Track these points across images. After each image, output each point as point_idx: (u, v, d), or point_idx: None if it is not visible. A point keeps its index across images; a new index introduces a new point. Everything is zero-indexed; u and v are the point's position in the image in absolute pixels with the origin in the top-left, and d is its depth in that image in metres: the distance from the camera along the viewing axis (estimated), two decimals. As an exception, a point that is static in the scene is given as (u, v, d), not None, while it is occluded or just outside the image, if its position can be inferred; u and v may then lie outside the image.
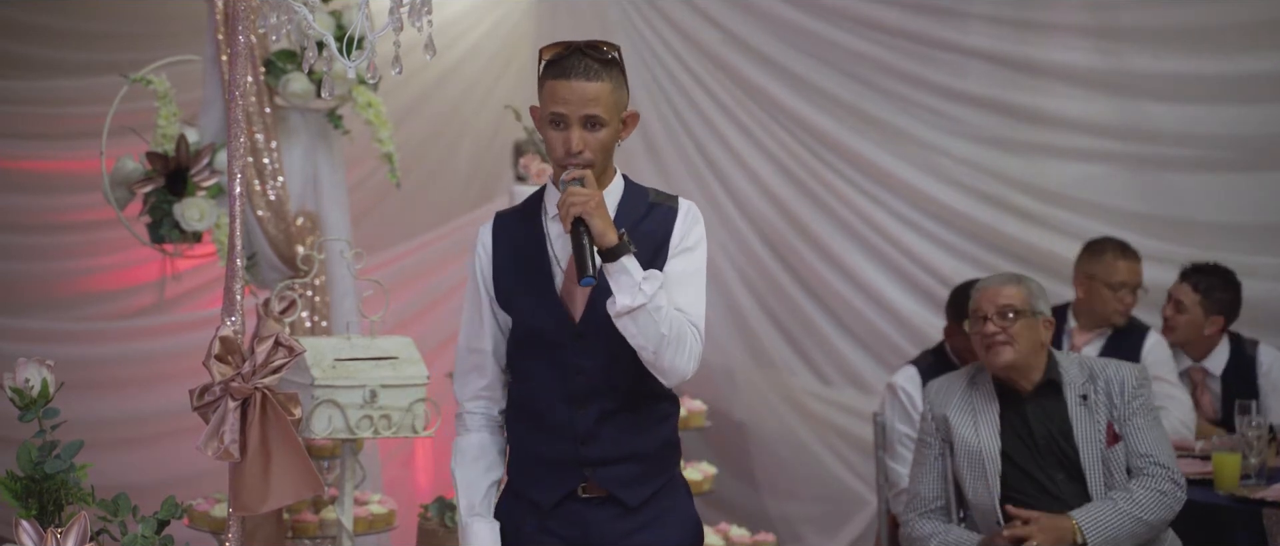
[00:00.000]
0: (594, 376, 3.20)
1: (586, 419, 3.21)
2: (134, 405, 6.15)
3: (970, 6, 6.56)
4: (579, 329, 3.20)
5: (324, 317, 5.29)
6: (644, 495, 3.25)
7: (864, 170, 6.68)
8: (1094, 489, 4.23)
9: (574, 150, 3.13)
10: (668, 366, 3.12)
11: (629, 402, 3.23)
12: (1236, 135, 6.31)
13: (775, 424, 6.74)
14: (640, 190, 3.29)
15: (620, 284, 3.07)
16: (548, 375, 3.23)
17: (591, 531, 3.24)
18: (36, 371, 3.25)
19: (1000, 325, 4.26)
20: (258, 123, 5.10)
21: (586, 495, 3.24)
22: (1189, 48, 6.34)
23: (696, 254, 3.23)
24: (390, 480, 6.04)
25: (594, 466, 3.22)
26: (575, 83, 3.12)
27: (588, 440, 3.22)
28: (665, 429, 3.31)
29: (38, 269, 6.53)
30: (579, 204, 3.07)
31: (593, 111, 3.13)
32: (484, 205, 6.88)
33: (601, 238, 3.07)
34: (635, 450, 3.24)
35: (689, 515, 3.34)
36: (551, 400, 3.23)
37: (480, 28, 7.28)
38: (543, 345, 3.24)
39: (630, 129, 3.24)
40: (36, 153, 6.46)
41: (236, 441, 3.00)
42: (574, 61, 3.14)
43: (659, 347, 3.09)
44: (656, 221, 3.22)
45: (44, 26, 6.41)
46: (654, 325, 3.07)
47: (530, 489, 3.29)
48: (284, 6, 2.94)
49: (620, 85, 3.18)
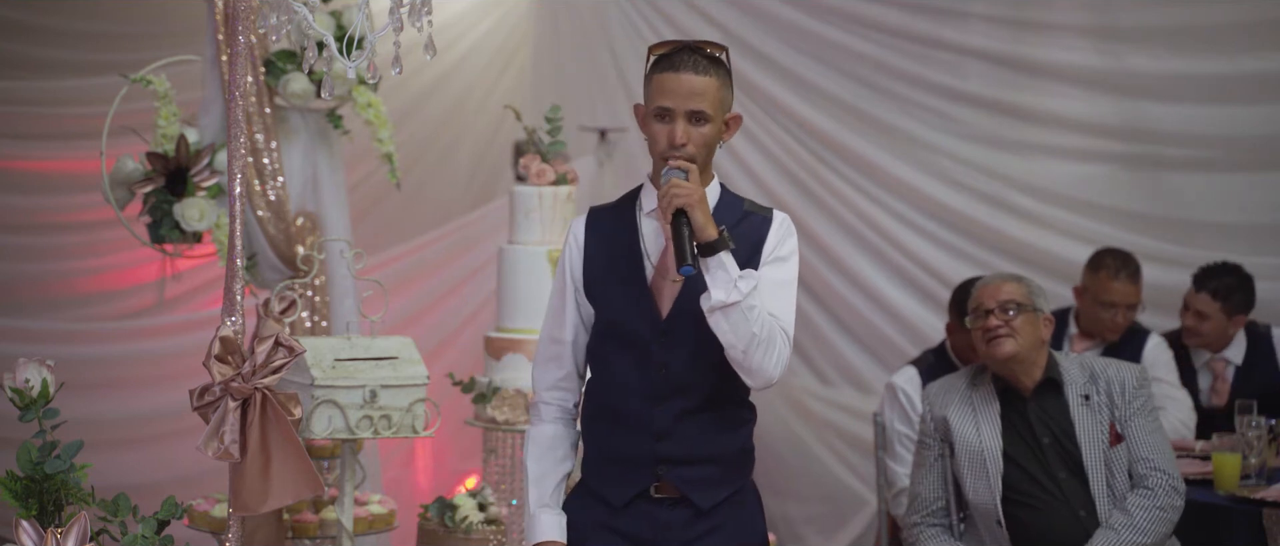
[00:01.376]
0: (676, 373, 3.20)
1: (665, 415, 3.21)
2: (134, 405, 6.16)
3: (970, 6, 6.56)
4: (665, 325, 3.20)
5: (324, 317, 5.29)
6: (716, 499, 3.25)
7: (864, 170, 6.69)
8: (1096, 489, 4.23)
9: (678, 142, 3.15)
10: (756, 367, 3.12)
11: (708, 403, 3.23)
12: (1236, 135, 6.31)
13: (775, 424, 6.74)
14: (736, 198, 3.31)
15: (717, 279, 3.08)
16: (630, 370, 3.23)
17: (660, 532, 3.24)
18: (36, 371, 3.25)
19: (1002, 319, 4.27)
20: (258, 123, 5.11)
21: (659, 495, 3.24)
22: (1189, 48, 6.34)
23: (789, 264, 3.23)
24: (390, 480, 6.04)
25: (669, 465, 3.22)
26: (684, 75, 3.15)
27: (664, 437, 3.22)
28: (742, 434, 3.31)
29: (38, 269, 6.53)
30: (683, 196, 3.09)
31: (698, 106, 3.14)
32: (484, 205, 6.88)
33: (701, 231, 3.08)
34: (711, 452, 3.24)
35: (757, 527, 3.34)
36: (631, 395, 3.23)
37: (480, 28, 7.28)
38: (627, 340, 3.24)
39: (733, 131, 3.25)
40: (36, 153, 6.46)
41: (236, 441, 3.00)
42: (683, 57, 3.16)
43: (749, 347, 3.09)
44: (751, 228, 3.24)
45: (44, 26, 6.42)
46: (746, 324, 3.07)
47: (603, 487, 3.29)
48: (284, 6, 2.94)
49: (726, 85, 3.19)
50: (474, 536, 5.10)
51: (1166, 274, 6.17)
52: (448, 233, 6.67)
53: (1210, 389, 5.59)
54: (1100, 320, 5.56)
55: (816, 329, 6.79)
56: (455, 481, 6.20)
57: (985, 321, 4.30)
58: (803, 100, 6.73)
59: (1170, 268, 6.25)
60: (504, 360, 5.20)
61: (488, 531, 5.09)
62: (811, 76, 6.72)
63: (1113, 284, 5.56)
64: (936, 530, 4.39)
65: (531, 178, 5.23)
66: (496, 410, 5.18)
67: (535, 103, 6.75)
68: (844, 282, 6.72)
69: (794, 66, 6.74)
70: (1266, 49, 6.25)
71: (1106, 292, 5.55)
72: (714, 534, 3.25)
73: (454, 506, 5.15)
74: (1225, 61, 6.29)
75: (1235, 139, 6.32)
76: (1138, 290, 5.59)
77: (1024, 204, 6.53)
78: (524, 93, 7.17)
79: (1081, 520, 4.22)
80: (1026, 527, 4.25)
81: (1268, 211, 6.30)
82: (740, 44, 6.78)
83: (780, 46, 6.75)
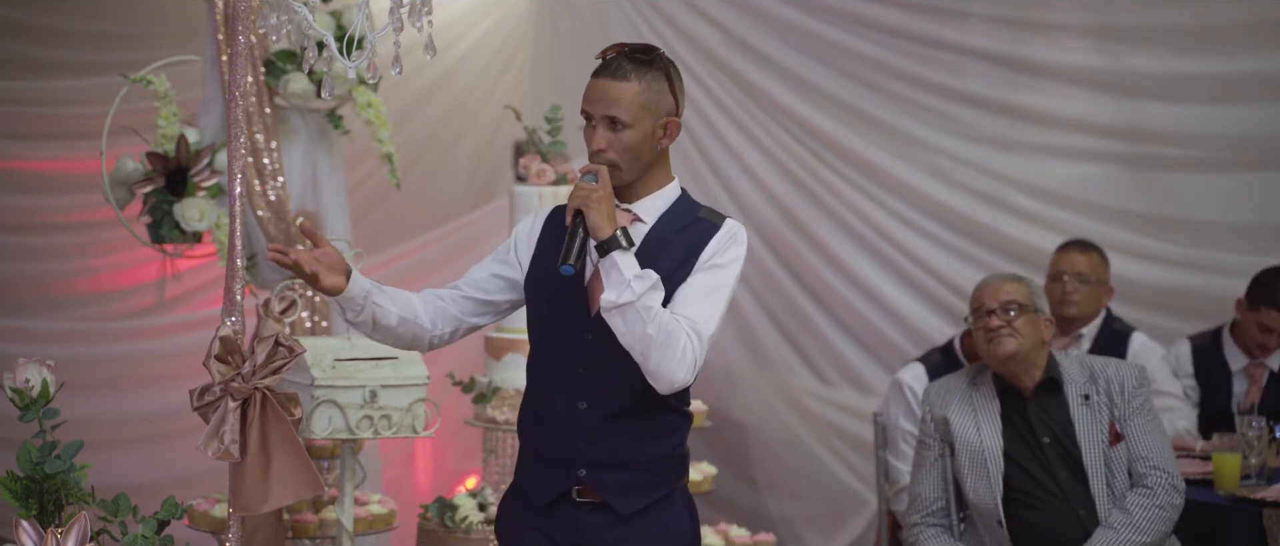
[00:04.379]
0: (603, 374, 3.19)
1: (591, 416, 3.20)
2: (134, 405, 6.15)
3: (970, 6, 6.56)
4: (593, 323, 3.19)
5: (324, 318, 5.29)
6: (637, 505, 3.22)
7: (864, 170, 6.68)
8: (1097, 489, 4.23)
9: (594, 149, 3.18)
10: (655, 368, 3.09)
11: (636, 407, 3.20)
12: (1236, 135, 6.31)
13: (775, 424, 6.73)
14: (692, 204, 3.29)
15: (611, 279, 3.07)
16: (558, 369, 3.23)
17: (582, 537, 3.22)
18: (36, 371, 3.25)
19: (1004, 319, 4.28)
20: (258, 123, 5.11)
21: (580, 499, 3.22)
22: (1189, 48, 6.34)
23: (725, 273, 3.20)
24: (390, 480, 6.04)
25: (590, 467, 3.21)
26: (602, 82, 3.18)
27: (588, 438, 3.20)
28: (670, 441, 3.27)
29: (38, 269, 6.53)
30: (581, 197, 3.10)
31: (612, 112, 3.16)
32: (484, 205, 6.88)
33: (597, 230, 3.08)
34: (634, 457, 3.22)
35: (683, 533, 3.29)
36: (557, 392, 3.22)
37: (480, 28, 7.28)
38: (556, 336, 3.24)
39: (671, 135, 3.23)
40: (36, 153, 6.46)
41: (236, 441, 3.00)
42: (609, 62, 3.19)
43: (646, 348, 3.06)
44: (695, 234, 3.22)
45: (44, 26, 6.42)
46: (641, 324, 3.05)
47: (528, 484, 3.28)
48: (284, 6, 2.94)
49: (655, 88, 3.18)
50: (474, 536, 5.10)
51: (1167, 274, 6.16)
52: (448, 233, 6.67)
53: (1244, 393, 5.54)
54: (1052, 295, 5.44)
55: (816, 329, 6.79)
56: (455, 481, 6.20)
57: (986, 321, 4.31)
58: (803, 100, 6.73)
59: (1170, 268, 6.25)
60: (504, 360, 5.20)
61: (488, 531, 5.09)
62: (811, 76, 6.72)
63: (1056, 254, 5.56)
64: (936, 530, 4.39)
65: (531, 178, 5.24)
66: (496, 410, 5.18)
67: (535, 103, 6.75)
68: (844, 283, 6.72)
69: (794, 66, 6.73)
70: (1266, 49, 6.25)
71: (1053, 263, 5.55)
72: (635, 541, 3.22)
73: (454, 506, 5.15)
74: (1225, 61, 6.28)
75: (1235, 139, 6.31)
76: (1080, 262, 5.54)
77: (1024, 204, 6.53)
78: (524, 93, 7.17)
79: (1081, 519, 4.23)
80: (1027, 527, 4.25)
81: (1268, 211, 6.29)
82: (740, 44, 6.78)
83: (780, 46, 6.75)
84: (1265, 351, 5.44)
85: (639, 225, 3.22)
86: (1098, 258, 5.58)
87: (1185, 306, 6.19)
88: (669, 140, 3.24)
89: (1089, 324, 5.55)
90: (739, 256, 3.22)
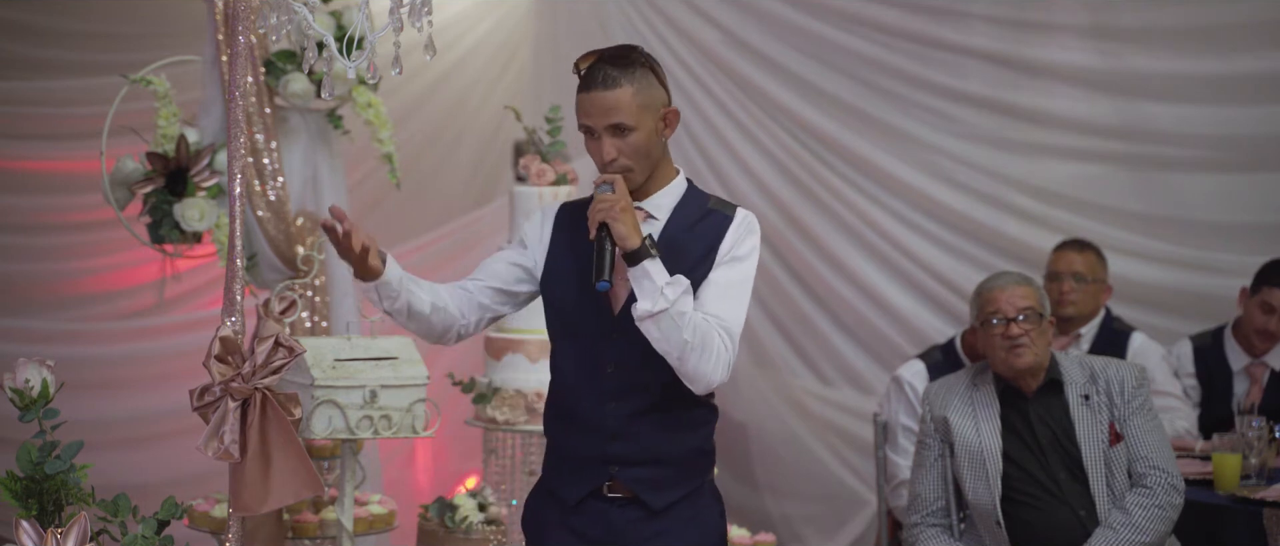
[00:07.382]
0: (628, 372, 3.20)
1: (617, 415, 3.21)
2: (134, 405, 6.16)
3: (970, 6, 6.56)
4: (616, 322, 3.20)
5: (324, 318, 5.29)
6: (668, 499, 3.25)
7: (864, 170, 6.69)
8: (1096, 489, 4.23)
9: (607, 159, 3.18)
10: (692, 372, 3.12)
11: (662, 403, 3.22)
12: (1236, 135, 6.31)
13: (775, 424, 6.74)
14: (701, 195, 3.30)
15: (642, 288, 3.09)
16: (582, 369, 3.24)
17: (614, 532, 3.24)
18: (36, 371, 3.25)
19: (1023, 327, 4.26)
20: (258, 123, 5.11)
21: (611, 494, 3.24)
22: (1189, 48, 6.34)
23: (745, 264, 3.22)
24: (390, 480, 6.04)
25: (620, 465, 3.22)
26: (594, 94, 3.18)
27: (617, 437, 3.22)
28: (698, 435, 3.31)
29: (38, 269, 6.53)
30: (603, 210, 3.10)
31: (615, 120, 3.17)
32: (484, 205, 6.88)
33: (623, 241, 3.09)
34: (664, 452, 3.24)
35: (713, 526, 3.32)
36: (584, 394, 3.24)
37: (480, 28, 7.28)
38: (579, 337, 3.25)
39: (672, 126, 3.25)
40: (36, 153, 6.46)
41: (236, 441, 3.00)
42: (593, 73, 3.19)
43: (682, 353, 3.09)
44: (710, 227, 3.23)
45: (44, 26, 6.42)
46: (677, 331, 3.07)
47: (557, 484, 3.30)
48: (284, 6, 2.94)
49: (646, 86, 3.20)
50: (474, 536, 5.10)
51: (1166, 274, 6.16)
52: (448, 233, 6.66)
53: (1245, 393, 5.54)
54: (1050, 296, 5.43)
55: (816, 329, 6.79)
56: (455, 481, 6.20)
57: (1006, 329, 4.28)
58: (803, 100, 6.73)
59: (1169, 267, 6.25)
60: (504, 360, 5.20)
61: (488, 531, 5.09)
62: (811, 76, 6.72)
63: (1054, 253, 5.57)
64: (936, 530, 4.39)
65: (532, 178, 5.24)
66: (496, 410, 5.18)
67: (535, 103, 6.75)
68: (844, 283, 6.72)
69: (794, 66, 6.74)
70: (1266, 49, 6.25)
71: (1051, 263, 5.55)
72: (667, 534, 3.24)
73: (454, 506, 5.15)
74: (1225, 61, 6.29)
75: (1235, 139, 6.31)
76: (1076, 261, 5.55)
77: (1024, 204, 6.53)
78: (524, 93, 7.17)
79: (1081, 519, 4.23)
80: (1026, 527, 4.25)
81: (1268, 211, 6.30)
82: (740, 44, 6.78)
83: (780, 46, 6.75)
84: (1267, 339, 5.43)
85: (652, 221, 3.23)
86: (1095, 257, 5.58)
87: (1185, 306, 6.19)
88: (671, 131, 3.26)
89: (1087, 323, 5.55)
90: (756, 246, 3.25)
